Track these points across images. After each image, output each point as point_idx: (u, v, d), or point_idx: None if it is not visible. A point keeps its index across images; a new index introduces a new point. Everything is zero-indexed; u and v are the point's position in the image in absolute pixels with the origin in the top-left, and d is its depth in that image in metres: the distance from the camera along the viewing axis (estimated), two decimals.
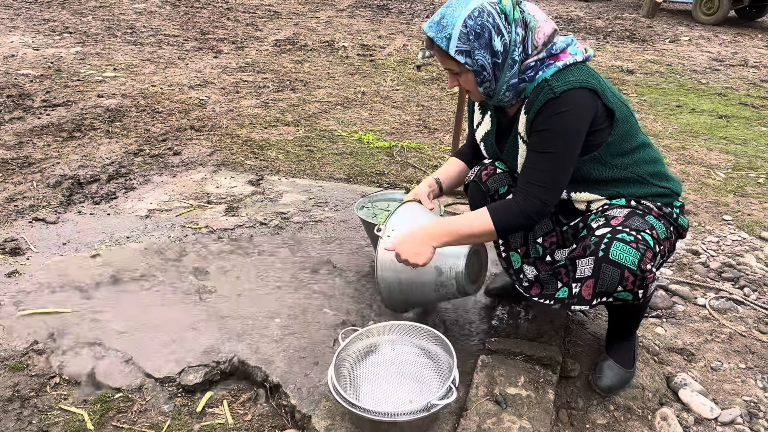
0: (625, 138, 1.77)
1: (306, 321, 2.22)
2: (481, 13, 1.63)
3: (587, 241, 1.70)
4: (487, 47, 1.65)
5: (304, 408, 1.80)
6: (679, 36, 9.78)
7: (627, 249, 1.61)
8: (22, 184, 3.28)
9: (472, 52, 1.66)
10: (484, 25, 1.63)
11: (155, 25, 8.15)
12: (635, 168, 1.80)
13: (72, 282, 2.40)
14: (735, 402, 1.97)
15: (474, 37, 1.64)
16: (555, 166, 1.71)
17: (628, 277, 1.62)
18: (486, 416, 1.69)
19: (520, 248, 1.99)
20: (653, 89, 6.25)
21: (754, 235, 3.13)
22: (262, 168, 3.69)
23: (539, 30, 1.70)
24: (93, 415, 1.79)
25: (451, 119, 4.85)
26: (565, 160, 1.71)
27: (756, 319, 2.41)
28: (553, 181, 1.72)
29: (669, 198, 1.84)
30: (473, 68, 1.69)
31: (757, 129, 5.05)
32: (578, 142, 1.70)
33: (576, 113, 1.66)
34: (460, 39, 1.65)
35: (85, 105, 4.71)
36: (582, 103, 1.67)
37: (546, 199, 1.72)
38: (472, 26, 1.63)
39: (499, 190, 2.00)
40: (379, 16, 10.31)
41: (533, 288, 1.95)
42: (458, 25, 1.64)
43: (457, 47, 1.66)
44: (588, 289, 1.68)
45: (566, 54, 1.72)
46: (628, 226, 1.67)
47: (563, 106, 1.65)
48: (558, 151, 1.69)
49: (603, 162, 1.77)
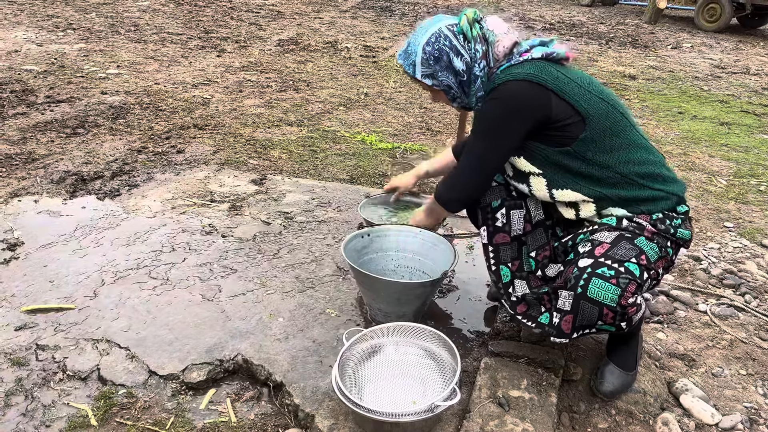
0: (607, 134, 1.74)
1: (310, 320, 2.22)
2: (438, 38, 1.76)
3: (569, 273, 1.68)
4: (448, 68, 1.78)
5: (308, 407, 1.80)
6: (682, 42, 9.81)
7: (606, 286, 1.60)
8: (26, 179, 3.28)
9: (435, 74, 1.80)
10: (441, 49, 1.76)
11: (159, 23, 8.15)
12: (621, 167, 1.75)
13: (76, 278, 2.40)
14: (736, 408, 1.98)
15: (434, 61, 1.78)
16: (479, 151, 1.82)
17: (607, 313, 1.62)
18: (489, 418, 1.70)
19: (511, 262, 1.95)
20: (655, 95, 6.27)
21: (755, 242, 3.14)
22: (266, 167, 3.70)
23: (499, 43, 1.79)
24: (96, 410, 1.80)
25: (454, 122, 4.86)
26: (489, 142, 1.79)
27: (757, 326, 2.42)
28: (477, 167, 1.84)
29: (666, 202, 1.76)
30: (441, 88, 1.83)
31: (759, 136, 5.06)
32: (506, 129, 1.76)
33: (507, 102, 1.73)
34: (423, 64, 1.80)
35: (88, 102, 4.71)
36: (518, 94, 1.72)
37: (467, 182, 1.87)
38: (430, 52, 1.77)
39: (492, 203, 1.94)
40: (382, 17, 10.32)
41: (519, 305, 1.94)
42: (419, 53, 1.79)
43: (422, 72, 1.81)
44: (567, 324, 1.70)
45: (526, 54, 1.78)
46: (611, 257, 1.63)
47: (497, 95, 1.74)
48: (481, 133, 1.80)
49: (583, 158, 1.74)
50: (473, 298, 2.45)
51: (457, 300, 2.43)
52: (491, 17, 1.83)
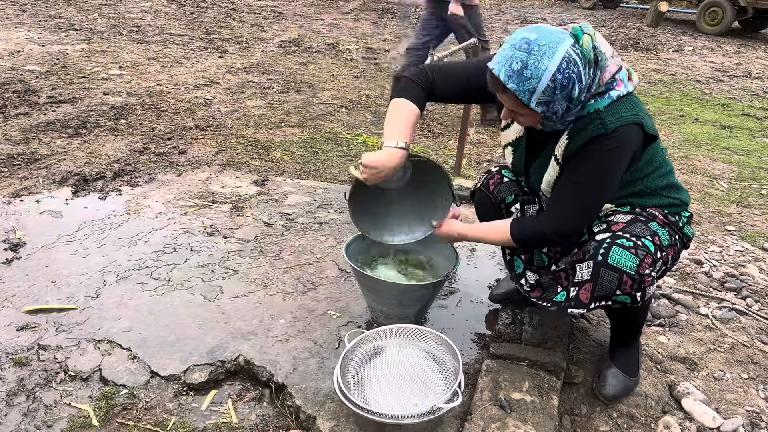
0: (649, 162, 1.77)
1: (311, 322, 2.22)
2: (569, 65, 1.52)
3: (587, 246, 1.73)
4: (567, 97, 1.56)
5: (309, 409, 1.80)
6: (683, 46, 9.81)
7: (625, 254, 1.64)
8: (28, 179, 3.28)
9: (552, 103, 1.56)
10: (570, 77, 1.52)
11: (161, 24, 8.16)
12: (648, 183, 1.80)
13: (77, 278, 2.41)
14: (737, 412, 1.98)
15: (560, 90, 1.53)
16: (589, 199, 1.71)
17: (626, 281, 1.64)
18: (490, 421, 1.70)
19: (523, 255, 2.01)
20: (657, 98, 6.27)
21: (756, 246, 3.14)
22: (267, 169, 3.70)
23: (607, 69, 1.62)
24: (98, 411, 1.80)
25: (455, 124, 4.86)
26: (600, 195, 1.72)
27: (758, 330, 2.41)
28: (583, 213, 1.73)
29: (677, 207, 1.85)
30: (546, 114, 1.60)
31: (760, 140, 5.06)
32: (617, 178, 1.71)
33: (622, 151, 1.65)
34: (545, 92, 1.53)
35: (90, 102, 4.72)
36: (630, 140, 1.65)
37: (573, 230, 1.74)
38: (560, 80, 1.52)
39: (506, 198, 2.02)
40: (384, 19, 10.33)
41: (535, 291, 1.97)
42: (545, 79, 1.51)
43: (539, 100, 1.55)
44: (586, 293, 1.71)
45: (620, 83, 1.66)
46: (628, 232, 1.69)
47: (612, 144, 1.62)
48: (596, 186, 1.69)
49: (623, 184, 1.77)
50: (475, 301, 2.45)
51: (458, 302, 2.43)
52: (598, 34, 1.62)
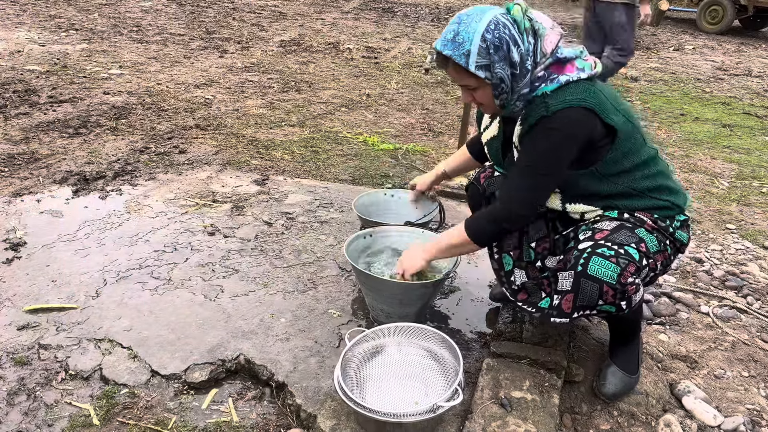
0: (627, 156, 1.76)
1: (312, 321, 2.22)
2: (497, 26, 1.61)
3: (569, 255, 1.72)
4: (506, 59, 1.63)
5: (310, 407, 1.80)
6: (684, 44, 9.81)
7: (605, 264, 1.63)
8: (29, 179, 3.29)
9: (491, 66, 1.63)
10: (501, 37, 1.61)
11: (161, 24, 8.17)
12: (633, 183, 1.78)
13: (78, 278, 2.41)
14: (738, 410, 1.98)
15: (494, 50, 1.61)
16: (535, 181, 1.74)
17: (607, 290, 1.63)
18: (491, 419, 1.70)
19: (513, 251, 1.99)
20: (657, 97, 6.27)
21: (757, 244, 3.14)
22: (268, 168, 3.70)
23: (547, 38, 1.69)
24: (99, 410, 1.80)
25: (456, 123, 4.86)
26: (546, 176, 1.72)
27: (759, 328, 2.41)
28: (532, 196, 1.76)
29: (670, 211, 1.81)
30: (492, 81, 1.66)
31: (761, 138, 5.06)
32: (564, 160, 1.70)
33: (565, 132, 1.66)
34: (480, 54, 1.62)
35: (91, 102, 4.72)
36: (574, 122, 1.66)
37: (522, 212, 1.77)
38: (491, 40, 1.61)
39: (495, 192, 2.01)
40: (384, 18, 10.33)
41: (520, 293, 1.97)
42: (476, 41, 1.61)
43: (477, 62, 1.63)
44: (568, 303, 1.71)
45: (572, 67, 1.70)
46: (611, 240, 1.67)
47: (553, 124, 1.65)
48: (540, 168, 1.71)
49: (599, 177, 1.76)
50: (475, 299, 2.45)
51: (459, 301, 2.43)
52: (534, 11, 1.70)
